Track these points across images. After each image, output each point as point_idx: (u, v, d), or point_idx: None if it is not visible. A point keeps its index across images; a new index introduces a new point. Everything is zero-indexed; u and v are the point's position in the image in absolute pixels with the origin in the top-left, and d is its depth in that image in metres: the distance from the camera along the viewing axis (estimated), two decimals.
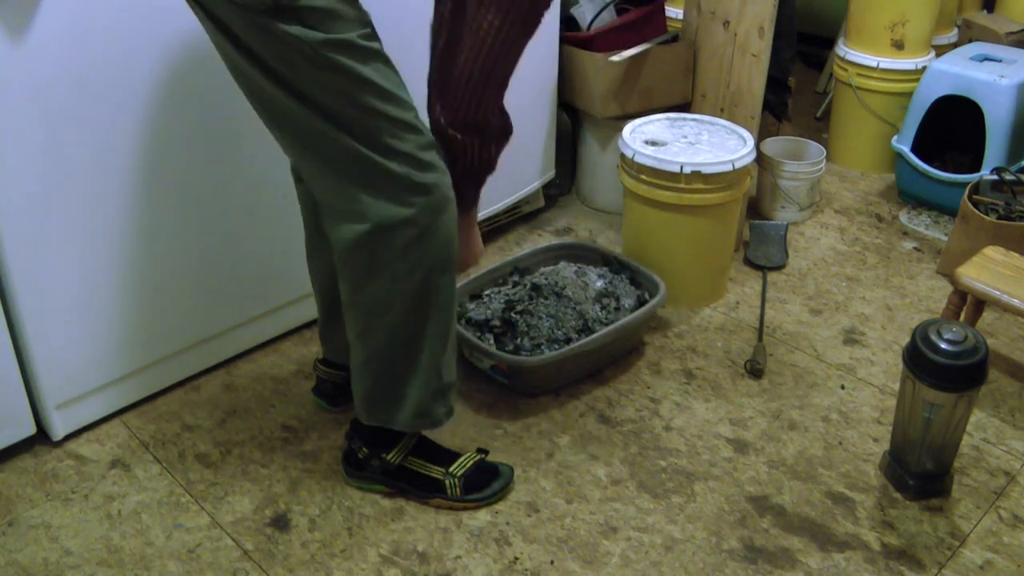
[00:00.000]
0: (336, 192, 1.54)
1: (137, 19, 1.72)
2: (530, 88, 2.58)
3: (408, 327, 1.61)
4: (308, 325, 2.29)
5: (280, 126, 1.54)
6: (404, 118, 1.48)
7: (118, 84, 1.74)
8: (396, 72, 1.50)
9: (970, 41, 3.09)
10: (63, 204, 1.74)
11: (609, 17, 2.70)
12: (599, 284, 2.22)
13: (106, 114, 1.74)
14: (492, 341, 2.08)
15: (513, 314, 2.11)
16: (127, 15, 1.70)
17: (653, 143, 2.33)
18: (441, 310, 1.62)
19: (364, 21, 1.46)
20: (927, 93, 2.79)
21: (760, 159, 2.76)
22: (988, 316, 2.35)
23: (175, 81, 1.81)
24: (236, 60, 1.47)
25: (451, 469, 1.76)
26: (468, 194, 1.66)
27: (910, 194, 2.92)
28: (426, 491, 1.77)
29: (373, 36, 1.47)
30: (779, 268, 2.59)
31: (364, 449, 1.77)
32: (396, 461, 1.76)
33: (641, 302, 2.20)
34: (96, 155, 1.75)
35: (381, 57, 1.47)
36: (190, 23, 1.78)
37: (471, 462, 1.78)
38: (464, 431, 1.97)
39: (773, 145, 2.86)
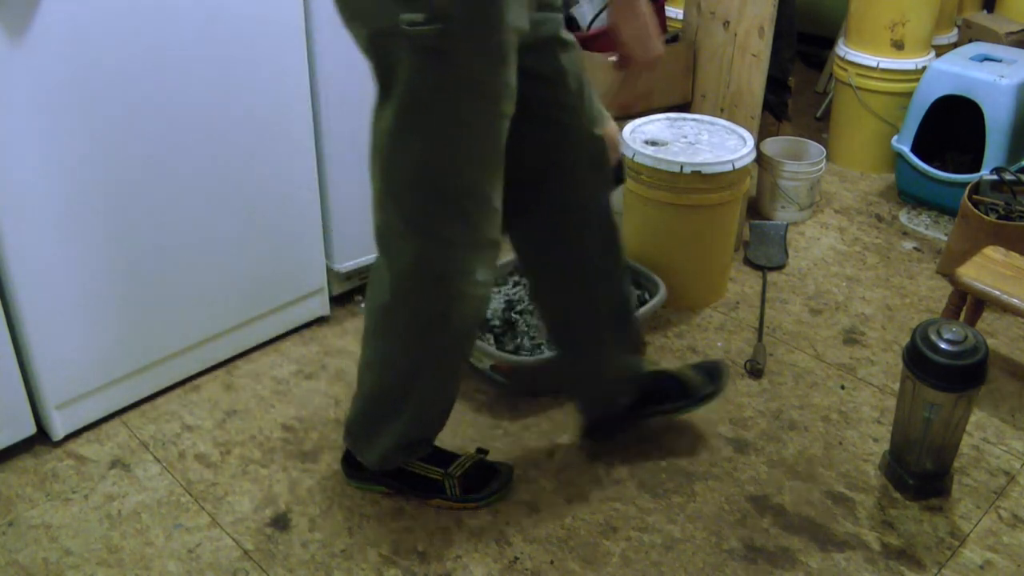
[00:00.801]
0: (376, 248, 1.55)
1: (137, 19, 1.72)
2: None
3: (396, 391, 1.64)
4: (308, 325, 2.29)
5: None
6: (469, 209, 1.43)
7: (118, 84, 1.73)
8: (498, 141, 1.41)
9: (970, 41, 3.09)
10: (63, 204, 1.74)
11: None
12: None
13: (106, 114, 1.74)
14: (492, 341, 2.08)
15: (513, 314, 2.11)
16: (127, 15, 1.70)
17: (653, 143, 2.33)
18: (435, 386, 1.64)
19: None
20: (927, 93, 2.79)
21: (760, 159, 2.76)
22: (988, 316, 2.35)
23: (175, 82, 1.81)
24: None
25: (450, 470, 1.76)
26: None
27: (910, 194, 2.92)
28: (425, 492, 1.77)
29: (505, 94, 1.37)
30: (779, 268, 2.59)
31: None
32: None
33: (641, 302, 2.20)
34: (96, 155, 1.75)
35: (494, 135, 1.40)
36: (190, 23, 1.79)
37: (469, 463, 1.78)
38: (464, 431, 1.97)
39: (773, 145, 2.86)
